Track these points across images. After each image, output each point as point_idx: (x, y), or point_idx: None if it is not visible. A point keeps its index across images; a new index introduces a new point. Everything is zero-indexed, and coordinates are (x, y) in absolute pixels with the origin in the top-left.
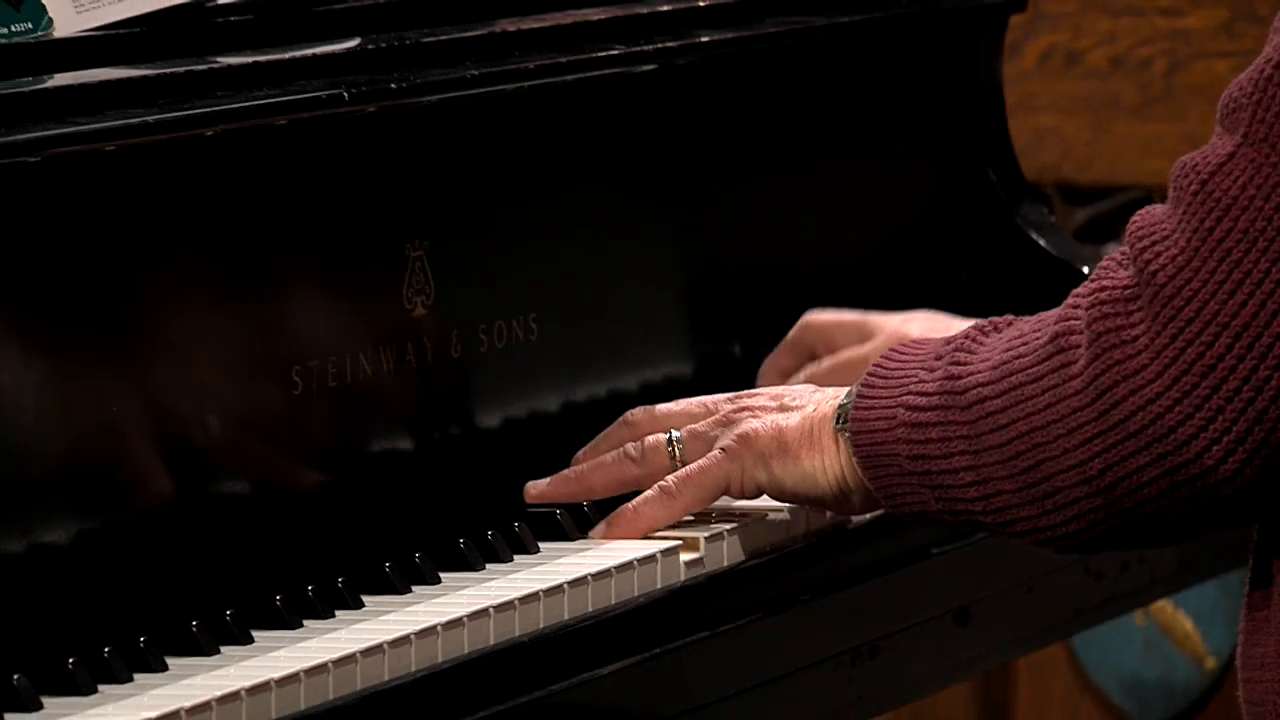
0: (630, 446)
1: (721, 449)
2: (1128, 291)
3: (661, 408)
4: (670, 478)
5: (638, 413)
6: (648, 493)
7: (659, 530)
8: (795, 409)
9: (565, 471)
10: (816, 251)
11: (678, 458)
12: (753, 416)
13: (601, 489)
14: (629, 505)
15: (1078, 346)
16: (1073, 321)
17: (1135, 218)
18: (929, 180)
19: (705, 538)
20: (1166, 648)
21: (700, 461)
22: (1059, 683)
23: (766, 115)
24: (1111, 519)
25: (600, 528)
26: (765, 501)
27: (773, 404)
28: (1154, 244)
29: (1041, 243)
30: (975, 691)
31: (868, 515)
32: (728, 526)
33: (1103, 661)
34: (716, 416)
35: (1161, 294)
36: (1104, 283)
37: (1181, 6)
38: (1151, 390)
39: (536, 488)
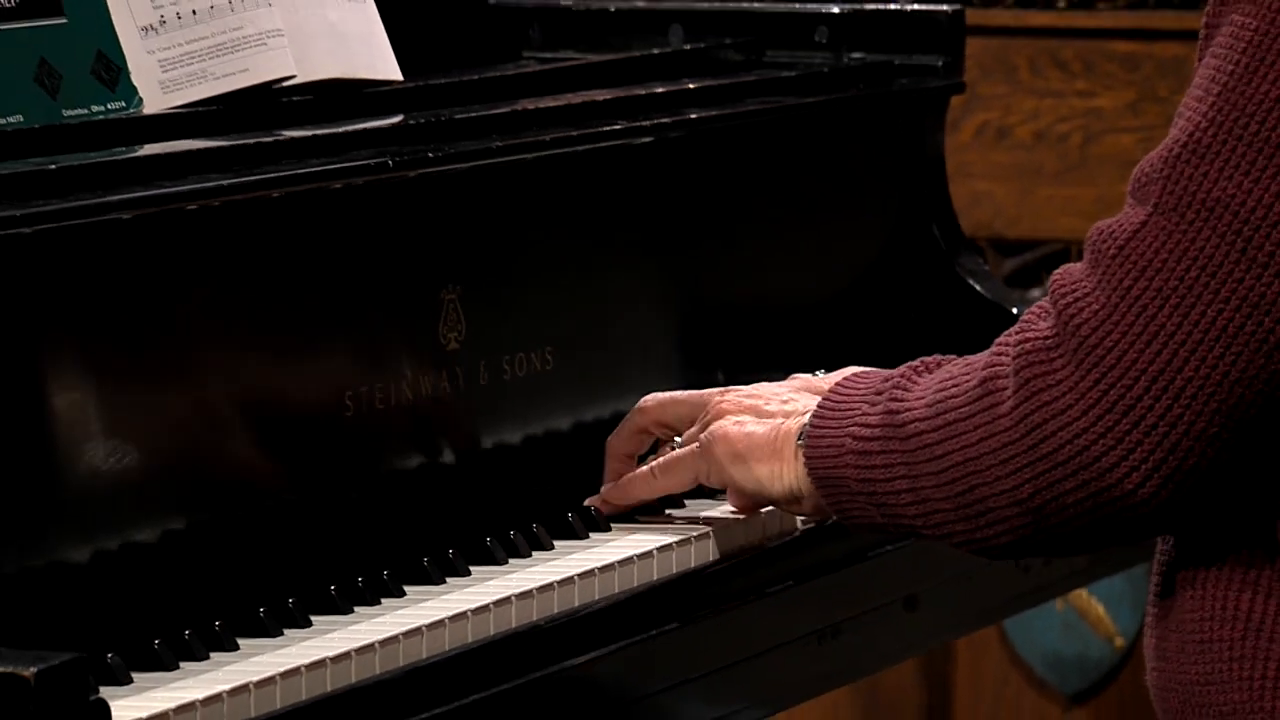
0: (657, 464)
1: (698, 444)
2: (1049, 341)
3: (665, 396)
4: (654, 463)
5: (648, 400)
6: (638, 470)
7: (643, 499)
8: (768, 417)
9: (615, 486)
10: (787, 294)
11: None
12: (728, 419)
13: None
14: (623, 479)
15: (1005, 389)
16: (999, 367)
17: (1056, 276)
18: (883, 234)
19: (694, 537)
20: (1082, 629)
21: (679, 453)
22: (992, 658)
23: (746, 179)
24: (1039, 534)
25: (598, 497)
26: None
27: (748, 408)
28: (1075, 300)
29: (977, 287)
30: (921, 666)
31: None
32: (712, 528)
33: (1028, 640)
34: (706, 412)
35: (1085, 344)
36: (1027, 334)
37: (1094, 89)
38: (1078, 426)
39: (606, 505)
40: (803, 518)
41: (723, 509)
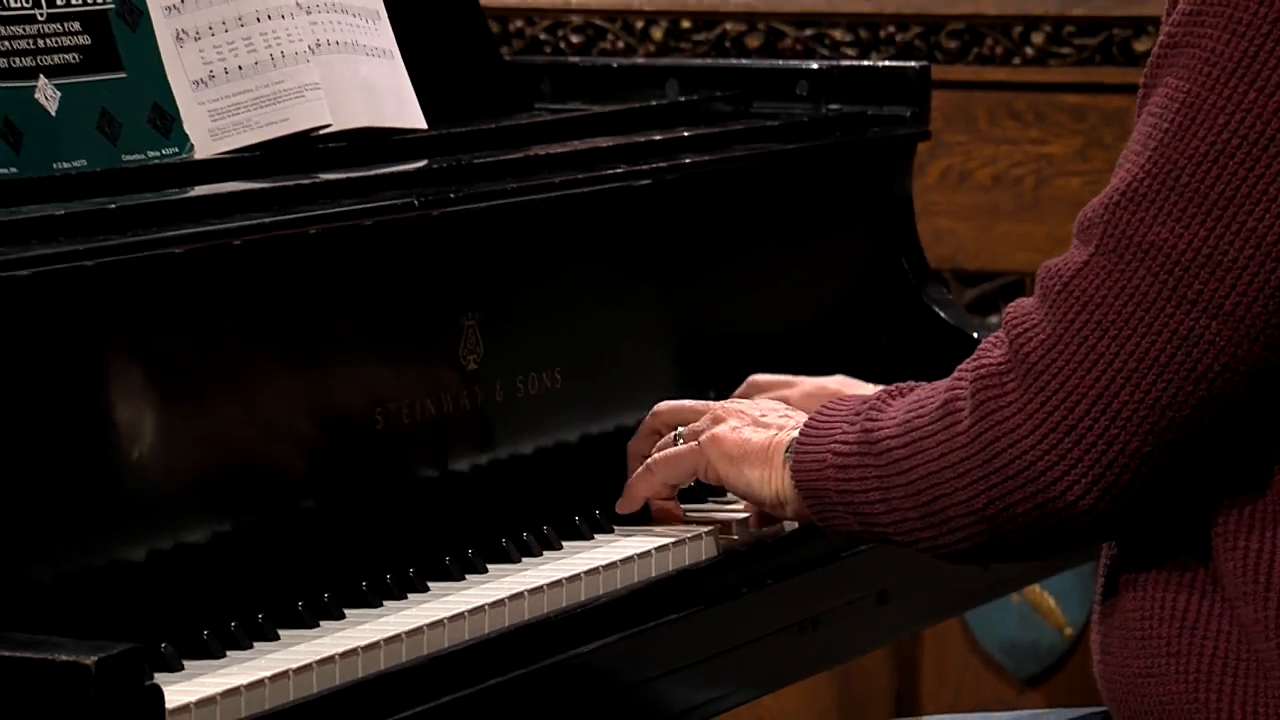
0: (657, 458)
1: (697, 442)
2: (1002, 367)
3: (678, 402)
4: (653, 458)
5: (662, 405)
6: (638, 470)
7: (649, 496)
8: (765, 428)
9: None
10: (772, 320)
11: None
12: (729, 424)
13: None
14: (629, 481)
15: (963, 410)
16: (959, 390)
17: (1010, 308)
18: (857, 266)
19: (689, 538)
20: (1035, 620)
21: (678, 449)
22: (954, 647)
23: (735, 217)
24: (994, 540)
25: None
26: (736, 511)
27: (749, 419)
28: (1025, 330)
29: (941, 314)
30: (891, 653)
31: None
32: (705, 529)
33: (987, 630)
34: (708, 416)
35: (1033, 370)
36: (983, 361)
37: (1046, 137)
38: (1026, 444)
39: (623, 506)
40: (787, 522)
41: (717, 514)
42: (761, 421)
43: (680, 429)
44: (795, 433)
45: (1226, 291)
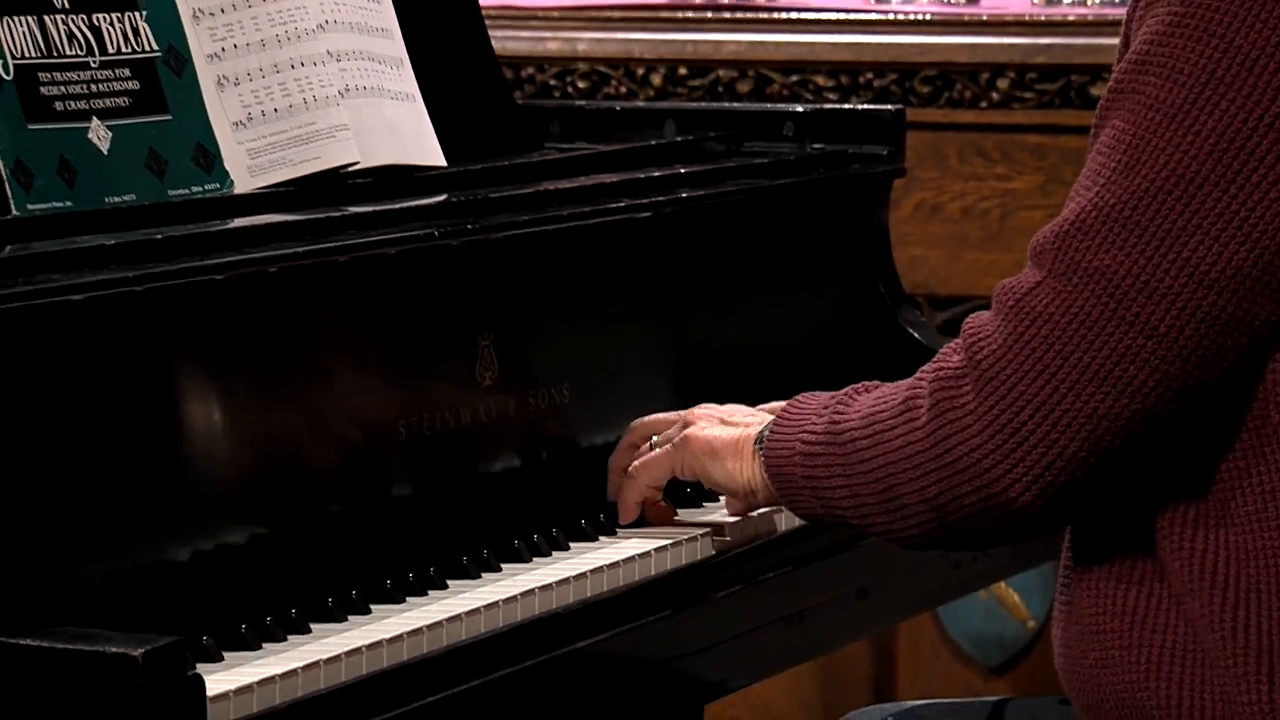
0: (638, 463)
1: (671, 444)
2: (958, 372)
3: (651, 417)
4: (633, 465)
5: (638, 421)
6: (623, 481)
7: (639, 501)
8: (733, 425)
9: (621, 499)
10: (761, 340)
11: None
12: (700, 425)
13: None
14: (620, 496)
15: (920, 408)
16: (918, 390)
17: (969, 320)
18: (839, 291)
19: (684, 540)
20: (1001, 614)
21: (655, 452)
22: (927, 638)
23: (727, 246)
24: (942, 528)
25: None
26: (725, 516)
27: (717, 419)
28: (980, 340)
29: (915, 335)
30: (870, 644)
31: (797, 523)
32: (700, 531)
33: (957, 622)
34: (680, 421)
35: (985, 375)
36: (942, 365)
37: (1010, 174)
38: (975, 442)
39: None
40: (779, 526)
41: (710, 517)
42: (730, 421)
43: (655, 438)
44: (762, 428)
45: (1161, 315)
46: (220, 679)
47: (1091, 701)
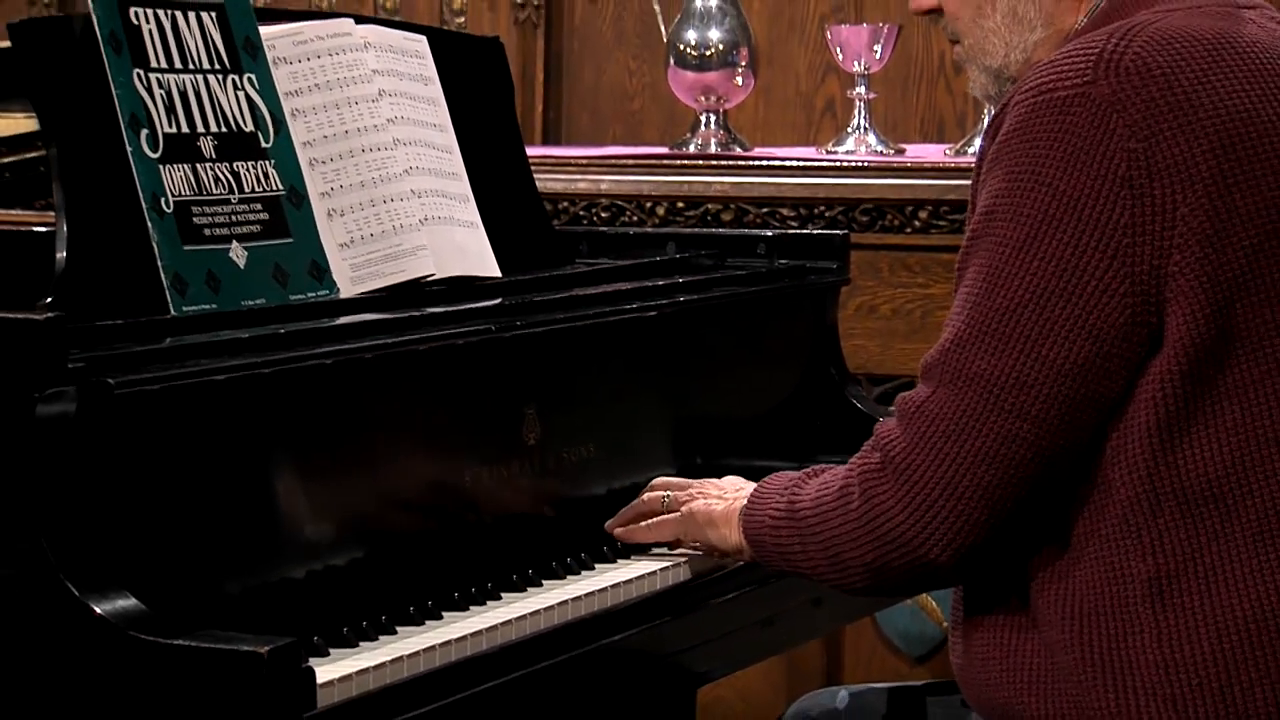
0: (651, 523)
1: (679, 513)
2: (878, 468)
3: (667, 479)
4: (650, 522)
5: (658, 480)
6: (645, 523)
7: (642, 542)
8: (725, 500)
9: (632, 528)
10: (739, 409)
11: (665, 506)
12: (702, 498)
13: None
14: (638, 526)
15: (853, 494)
16: (850, 481)
17: (878, 426)
18: (799, 371)
19: (683, 563)
20: (922, 616)
21: (666, 517)
22: (866, 635)
23: (714, 338)
24: (879, 581)
25: (620, 530)
26: None
27: (714, 494)
28: (891, 443)
29: (858, 405)
30: (823, 641)
31: None
32: (689, 559)
33: (889, 623)
34: (687, 492)
35: (898, 469)
36: (866, 461)
37: (929, 283)
38: (898, 518)
39: (626, 537)
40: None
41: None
42: (724, 496)
43: (667, 495)
44: (744, 502)
45: (1031, 402)
46: (327, 670)
47: (981, 707)
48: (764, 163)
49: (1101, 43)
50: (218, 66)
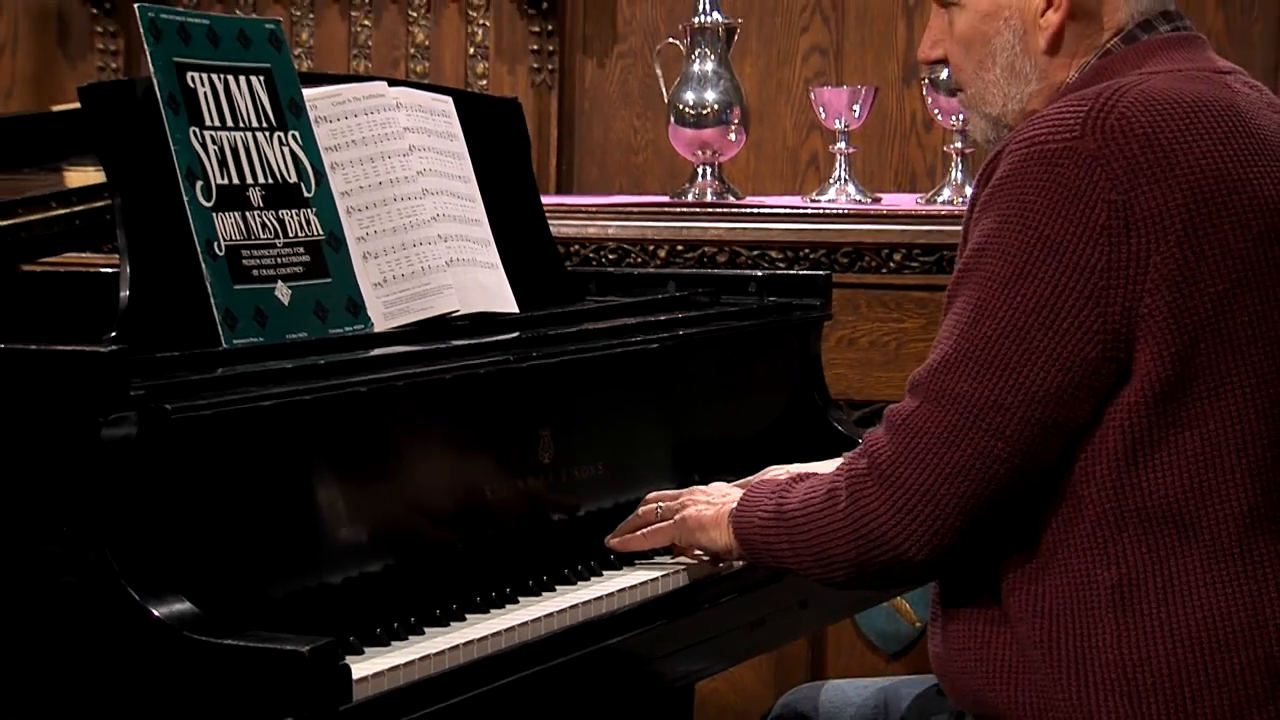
0: (646, 531)
1: (672, 520)
2: (864, 472)
3: (659, 493)
4: (645, 530)
5: (651, 495)
6: (640, 531)
7: (638, 549)
8: (714, 505)
9: (627, 537)
10: (733, 431)
11: (659, 516)
12: (693, 505)
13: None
14: (634, 535)
15: (840, 496)
16: (838, 483)
17: (867, 434)
18: (786, 397)
19: (680, 570)
20: (897, 617)
21: (661, 525)
22: (847, 633)
23: (711, 368)
24: (861, 578)
25: (616, 541)
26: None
27: (704, 500)
28: (877, 450)
29: (839, 428)
30: (808, 639)
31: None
32: (686, 567)
33: (868, 622)
34: (678, 500)
35: (883, 475)
36: (853, 466)
37: (903, 318)
38: (881, 520)
39: (623, 546)
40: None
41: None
42: (713, 502)
43: (660, 505)
44: (734, 505)
45: (1007, 423)
46: (362, 667)
47: (957, 698)
48: (755, 210)
49: (1090, 102)
50: (265, 124)
